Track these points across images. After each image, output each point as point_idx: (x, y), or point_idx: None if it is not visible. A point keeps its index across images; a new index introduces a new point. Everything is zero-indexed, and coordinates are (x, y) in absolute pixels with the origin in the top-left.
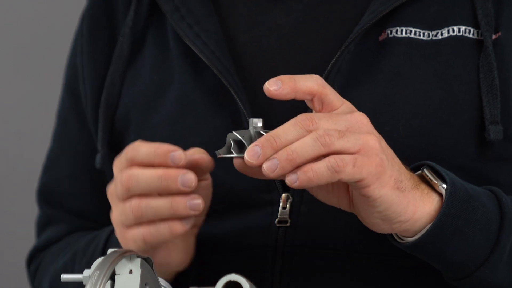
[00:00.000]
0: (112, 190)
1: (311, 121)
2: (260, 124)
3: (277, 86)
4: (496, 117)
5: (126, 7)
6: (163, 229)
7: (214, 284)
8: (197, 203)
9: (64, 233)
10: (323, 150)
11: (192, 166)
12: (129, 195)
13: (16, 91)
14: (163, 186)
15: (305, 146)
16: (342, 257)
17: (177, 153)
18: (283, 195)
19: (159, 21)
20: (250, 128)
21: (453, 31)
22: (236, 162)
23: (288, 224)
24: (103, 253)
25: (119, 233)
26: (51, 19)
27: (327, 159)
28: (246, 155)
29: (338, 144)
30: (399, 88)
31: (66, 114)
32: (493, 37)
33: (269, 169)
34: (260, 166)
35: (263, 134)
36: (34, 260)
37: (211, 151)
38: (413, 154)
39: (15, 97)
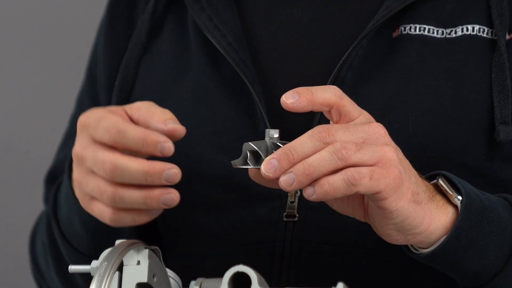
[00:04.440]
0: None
1: (328, 133)
2: (276, 135)
3: (294, 99)
4: (506, 118)
5: None
6: (127, 218)
7: (222, 275)
8: (171, 197)
9: None
10: (340, 164)
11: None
12: (108, 179)
13: (17, 88)
14: (147, 182)
15: (322, 160)
16: (350, 252)
17: (167, 145)
18: None
19: (179, 9)
20: (266, 138)
21: (467, 29)
22: (251, 172)
23: (296, 219)
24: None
25: (82, 198)
26: (50, 18)
27: (343, 172)
28: (263, 167)
29: (355, 158)
30: (410, 85)
31: (83, 98)
32: (507, 37)
33: (286, 183)
34: (276, 178)
35: (279, 146)
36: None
37: (223, 142)
38: (421, 152)
39: (15, 94)
